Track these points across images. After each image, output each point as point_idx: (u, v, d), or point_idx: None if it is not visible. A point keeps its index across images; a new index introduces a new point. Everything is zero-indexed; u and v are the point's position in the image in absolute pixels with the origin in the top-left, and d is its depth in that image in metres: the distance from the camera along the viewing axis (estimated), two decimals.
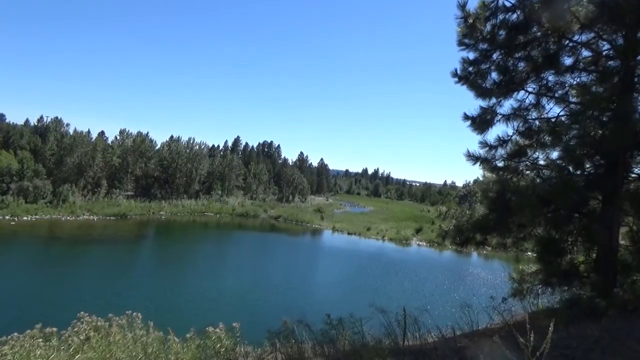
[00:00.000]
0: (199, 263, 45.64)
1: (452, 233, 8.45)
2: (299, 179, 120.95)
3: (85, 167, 71.37)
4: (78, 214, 61.54)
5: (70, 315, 6.19)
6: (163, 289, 32.93)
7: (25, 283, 32.24)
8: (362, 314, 5.62)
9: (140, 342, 5.59)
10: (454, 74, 7.57)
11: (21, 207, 57.15)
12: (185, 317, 24.04)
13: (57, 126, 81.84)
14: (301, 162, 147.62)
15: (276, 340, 5.35)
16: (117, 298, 27.75)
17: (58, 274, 36.13)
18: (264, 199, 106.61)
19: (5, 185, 59.08)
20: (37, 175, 62.85)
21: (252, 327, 5.95)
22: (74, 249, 45.33)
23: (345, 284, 40.41)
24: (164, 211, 75.82)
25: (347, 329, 5.43)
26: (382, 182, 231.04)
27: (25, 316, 22.98)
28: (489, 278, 46.54)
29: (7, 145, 70.11)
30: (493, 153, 7.79)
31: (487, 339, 4.54)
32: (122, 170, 79.63)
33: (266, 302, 31.58)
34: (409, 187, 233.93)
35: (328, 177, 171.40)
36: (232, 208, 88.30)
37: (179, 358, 5.37)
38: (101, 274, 37.37)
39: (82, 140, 74.16)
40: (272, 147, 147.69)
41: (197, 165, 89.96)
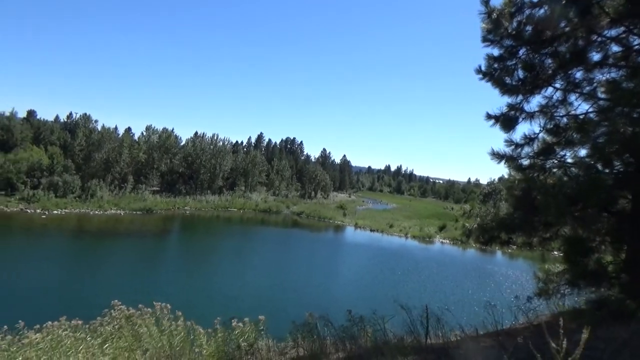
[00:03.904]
0: (223, 258, 46.19)
1: (476, 231, 8.34)
2: (321, 176, 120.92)
3: (113, 163, 72.93)
4: (106, 209, 62.96)
5: (99, 306, 6.38)
6: (187, 283, 33.49)
7: (56, 275, 33.20)
8: (383, 311, 5.62)
9: (167, 333, 5.73)
10: (479, 71, 7.46)
11: (51, 201, 58.80)
12: (208, 310, 24.37)
13: (86, 122, 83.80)
14: (324, 159, 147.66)
15: (298, 335, 5.40)
16: (143, 291, 28.31)
17: (87, 267, 37.11)
18: (286, 195, 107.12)
19: (37, 180, 60.83)
20: (66, 170, 64.53)
21: (274, 322, 6.03)
22: (102, 242, 46.43)
23: (367, 281, 40.31)
24: (189, 206, 76.94)
25: (369, 326, 5.44)
26: (405, 179, 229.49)
27: (56, 307, 23.68)
28: (514, 277, 45.82)
29: (38, 141, 72.18)
30: (519, 151, 7.66)
31: (511, 339, 4.49)
32: (148, 166, 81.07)
33: (288, 298, 31.78)
34: (432, 185, 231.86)
35: (350, 174, 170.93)
36: (255, 204, 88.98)
37: (203, 350, 5.47)
38: (128, 267, 38.23)
39: (109, 137, 75.76)
40: (295, 143, 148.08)
41: (221, 161, 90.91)
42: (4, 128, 69.57)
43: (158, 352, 5.29)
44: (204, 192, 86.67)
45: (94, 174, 69.14)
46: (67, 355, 5.04)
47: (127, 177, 75.20)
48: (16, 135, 69.64)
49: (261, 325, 5.83)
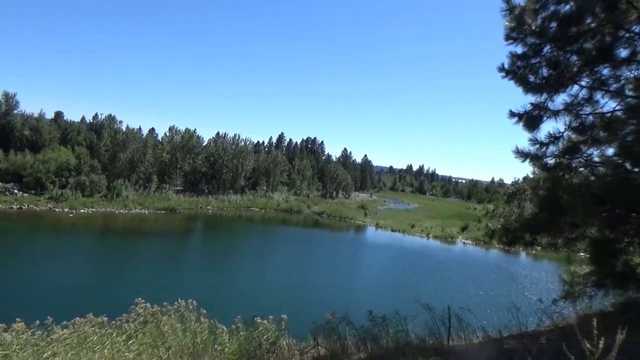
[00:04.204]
0: (244, 257, 46.58)
1: (500, 232, 8.23)
2: (342, 175, 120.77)
3: (137, 163, 74.26)
4: (130, 208, 64.16)
5: (124, 303, 6.52)
6: (210, 282, 33.87)
7: (83, 273, 33.98)
8: (405, 311, 5.59)
9: (190, 330, 5.82)
10: (501, 69, 7.35)
11: (79, 201, 60.21)
12: (230, 308, 24.61)
13: (111, 123, 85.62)
14: (345, 158, 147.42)
15: (319, 334, 5.41)
16: (166, 289, 28.76)
17: (112, 265, 37.92)
18: (307, 194, 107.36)
19: (65, 180, 62.37)
20: (93, 170, 65.99)
21: (295, 322, 6.05)
22: (127, 241, 47.34)
23: (389, 281, 40.13)
24: (211, 206, 77.80)
25: (390, 327, 5.42)
26: (427, 178, 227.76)
27: (83, 304, 24.26)
28: (538, 279, 45.00)
29: (66, 142, 73.99)
30: (544, 150, 7.52)
31: (536, 342, 4.42)
32: (172, 166, 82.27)
33: (309, 298, 31.85)
34: (455, 184, 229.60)
35: (372, 174, 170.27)
36: (276, 203, 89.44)
37: (225, 347, 5.53)
38: (152, 265, 38.91)
39: (134, 137, 77.17)
40: (316, 143, 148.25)
41: (243, 161, 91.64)
42: (33, 129, 71.51)
43: (181, 349, 5.36)
44: (226, 191, 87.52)
45: (119, 174, 70.53)
46: (93, 351, 5.16)
47: (152, 177, 76.48)
48: (45, 136, 71.52)
49: (282, 325, 5.86)
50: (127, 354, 5.15)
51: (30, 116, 74.50)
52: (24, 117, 73.19)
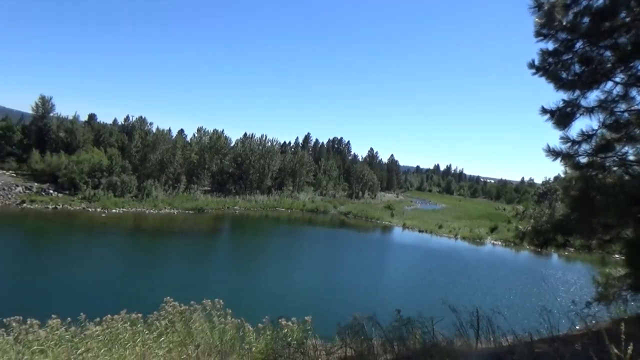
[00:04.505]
0: (271, 257, 46.90)
1: (531, 234, 8.07)
2: (368, 175, 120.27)
3: (167, 164, 75.67)
4: (160, 208, 65.39)
5: (154, 301, 6.66)
6: (237, 281, 34.27)
7: (114, 271, 34.87)
8: (432, 313, 5.54)
9: (217, 329, 5.90)
10: (532, 65, 7.19)
11: (110, 200, 61.74)
12: (257, 308, 24.83)
13: (142, 125, 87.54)
14: (371, 158, 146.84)
15: (346, 335, 5.41)
16: (194, 288, 29.24)
17: (142, 264, 38.78)
18: (333, 195, 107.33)
19: (97, 180, 64.06)
20: (124, 170, 67.57)
21: (322, 322, 6.06)
22: (157, 240, 48.32)
23: (415, 282, 39.77)
24: (238, 206, 78.60)
25: (418, 328, 5.37)
26: (454, 178, 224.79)
27: (114, 301, 24.89)
28: (571, 281, 43.83)
29: (98, 143, 76.01)
30: (576, 148, 7.32)
31: (568, 346, 4.31)
32: (200, 167, 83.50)
33: (335, 298, 31.84)
34: (483, 184, 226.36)
35: (398, 174, 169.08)
36: (302, 203, 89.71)
37: (252, 347, 5.59)
38: (181, 264, 39.58)
39: (163, 138, 78.67)
40: (342, 143, 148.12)
41: (269, 162, 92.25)
42: (68, 131, 73.79)
43: (209, 348, 5.45)
44: (253, 191, 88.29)
45: (149, 174, 72.01)
46: (125, 348, 5.29)
47: (180, 177, 77.79)
48: (79, 138, 73.68)
49: (309, 325, 5.88)
50: (157, 351, 5.26)
51: (65, 119, 76.81)
52: (60, 120, 75.57)
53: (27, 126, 75.23)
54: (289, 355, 5.23)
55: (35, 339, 5.23)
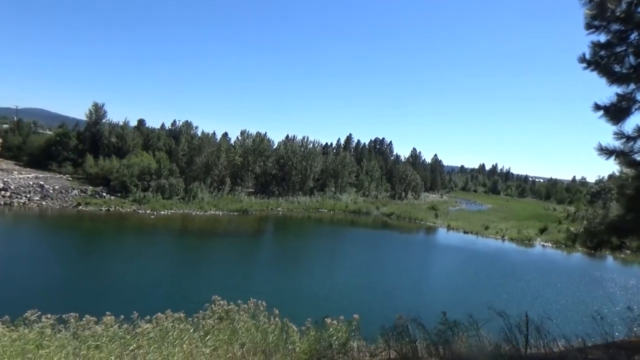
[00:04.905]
0: (313, 258, 47.12)
1: (583, 235, 7.73)
2: (411, 176, 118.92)
3: (212, 166, 77.53)
4: (206, 210, 67.05)
5: (200, 301, 6.84)
6: (280, 282, 34.61)
7: (163, 271, 36.04)
8: (478, 316, 5.41)
9: (262, 329, 6.00)
10: (582, 59, 6.90)
11: (159, 203, 63.90)
12: (299, 309, 24.99)
13: (188, 129, 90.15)
14: (414, 158, 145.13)
15: (390, 337, 5.36)
16: (238, 288, 29.80)
17: (189, 264, 39.86)
18: (376, 196, 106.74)
19: (147, 183, 66.47)
20: (171, 173, 69.76)
21: (365, 323, 6.04)
22: (203, 241, 49.52)
23: (461, 285, 38.92)
24: (281, 207, 79.47)
25: (463, 331, 5.27)
26: (501, 178, 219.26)
27: (162, 300, 25.74)
28: (627, 285, 41.67)
29: (147, 147, 78.96)
30: (631, 145, 6.96)
31: (624, 353, 4.12)
32: (243, 169, 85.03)
33: (378, 299, 31.63)
34: (532, 184, 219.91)
35: (442, 174, 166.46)
36: (345, 205, 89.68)
37: (296, 347, 5.63)
38: (226, 265, 40.48)
39: (208, 142, 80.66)
40: (384, 143, 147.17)
41: (311, 163, 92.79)
42: (119, 136, 77.08)
43: (254, 347, 5.53)
44: (296, 193, 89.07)
45: (195, 177, 74.00)
46: (173, 345, 5.46)
47: (225, 180, 79.50)
48: (129, 142, 76.86)
49: (353, 326, 5.88)
50: (204, 350, 5.39)
51: (117, 124, 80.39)
52: (111, 126, 79.16)
53: (81, 132, 79.25)
54: (332, 356, 5.24)
55: (91, 335, 5.48)
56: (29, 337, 5.07)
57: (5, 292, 24.67)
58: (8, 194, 55.72)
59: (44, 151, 75.01)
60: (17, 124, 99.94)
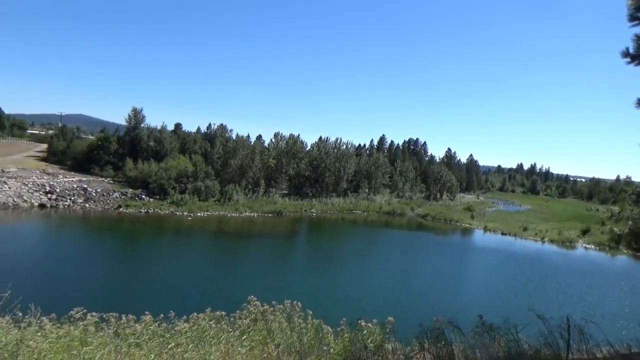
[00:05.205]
0: (347, 260, 47.04)
1: (628, 237, 7.45)
2: (446, 176, 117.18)
3: (246, 168, 78.60)
4: (241, 211, 68.01)
5: (236, 301, 6.96)
6: (314, 283, 34.72)
7: (199, 271, 36.77)
8: (516, 319, 5.29)
9: (297, 330, 6.04)
10: (626, 54, 6.63)
11: (196, 205, 65.26)
12: (333, 310, 25.00)
13: (222, 132, 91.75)
14: (449, 159, 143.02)
15: (425, 339, 5.30)
16: (273, 289, 30.03)
17: (225, 264, 40.57)
18: (410, 196, 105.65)
19: (184, 185, 68.01)
20: (207, 176, 71.12)
21: (399, 325, 5.99)
22: (238, 242, 50.28)
23: (499, 287, 38.05)
24: (315, 209, 79.75)
25: (501, 335, 5.16)
26: (540, 178, 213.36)
27: (199, 299, 26.28)
28: None
29: (184, 150, 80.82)
30: None
31: None
32: (277, 171, 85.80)
33: (413, 301, 31.31)
34: (573, 183, 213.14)
35: (478, 174, 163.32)
36: (379, 206, 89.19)
37: (331, 348, 5.64)
38: (260, 266, 40.88)
39: (243, 144, 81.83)
40: (418, 144, 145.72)
41: (345, 164, 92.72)
42: (157, 140, 79.24)
43: (289, 348, 5.57)
44: (329, 194, 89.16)
45: (230, 179, 75.18)
46: (210, 344, 5.57)
47: (259, 182, 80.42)
48: (166, 146, 78.89)
49: (387, 328, 5.84)
50: (240, 349, 5.47)
51: (155, 129, 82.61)
52: (149, 130, 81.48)
53: (121, 137, 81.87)
54: (366, 358, 5.23)
55: (131, 333, 5.65)
56: (74, 334, 5.26)
57: (52, 291, 25.75)
58: (54, 197, 58.18)
59: (87, 155, 77.94)
60: (61, 129, 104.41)
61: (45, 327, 5.34)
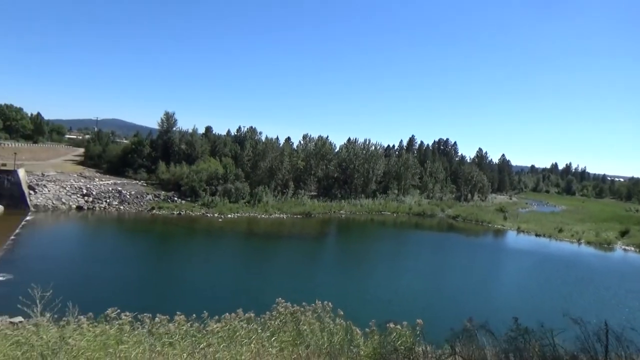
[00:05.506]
0: (377, 261, 46.76)
1: None
2: (477, 177, 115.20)
3: (275, 170, 79.16)
4: (270, 213, 68.55)
5: (264, 302, 7.04)
6: (343, 284, 34.68)
7: (229, 271, 37.28)
8: (552, 324, 5.16)
9: (326, 331, 6.06)
10: None
11: (226, 206, 66.16)
12: (363, 312, 24.86)
13: (252, 135, 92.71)
14: (480, 159, 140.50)
15: (457, 342, 5.23)
16: (302, 290, 30.13)
17: (255, 265, 40.97)
18: (440, 197, 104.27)
19: (214, 188, 69.05)
20: (237, 178, 72.01)
21: (429, 328, 5.94)
22: (268, 243, 50.71)
23: (532, 291, 37.12)
24: (344, 210, 79.62)
25: (536, 339, 5.04)
26: (575, 177, 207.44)
27: (229, 300, 26.61)
28: None
29: (214, 153, 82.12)
30: None
31: None
32: (306, 172, 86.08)
33: (444, 304, 30.90)
34: (611, 183, 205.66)
35: (511, 174, 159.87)
36: (408, 207, 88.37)
37: (361, 350, 5.64)
38: (289, 267, 41.13)
39: (272, 146, 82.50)
40: (448, 144, 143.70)
41: (374, 166, 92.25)
42: (188, 143, 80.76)
43: (319, 348, 5.60)
44: (358, 196, 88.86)
45: (259, 181, 75.87)
46: (241, 345, 5.65)
47: (288, 183, 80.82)
48: (197, 149, 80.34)
49: (418, 330, 5.79)
50: (271, 350, 5.53)
51: (186, 132, 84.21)
52: (181, 133, 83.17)
53: (154, 140, 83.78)
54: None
55: (165, 333, 5.79)
56: (110, 333, 5.43)
57: (89, 290, 26.55)
58: (91, 199, 60.07)
59: (121, 159, 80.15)
60: (97, 134, 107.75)
61: (83, 325, 5.53)
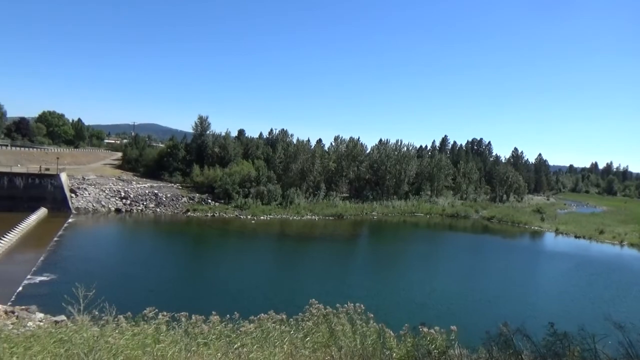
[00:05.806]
0: (410, 263, 46.33)
1: None
2: (513, 177, 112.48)
3: (307, 172, 79.53)
4: (302, 214, 68.93)
5: (296, 304, 7.09)
6: (375, 287, 34.44)
7: (263, 273, 37.62)
8: (593, 329, 4.99)
9: (359, 333, 6.05)
10: None
11: (259, 208, 66.92)
12: (395, 314, 24.72)
13: (284, 137, 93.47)
14: (515, 159, 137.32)
15: (493, 347, 5.13)
16: (334, 292, 30.15)
17: (287, 267, 41.26)
18: (474, 198, 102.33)
19: (247, 190, 69.95)
20: (270, 180, 72.74)
21: (464, 332, 5.85)
22: (300, 245, 50.94)
23: (572, 295, 35.93)
24: (376, 212, 79.20)
25: (575, 345, 4.89)
26: (617, 177, 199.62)
27: (262, 301, 26.88)
28: None
29: (247, 156, 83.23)
30: None
31: None
32: (338, 174, 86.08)
33: (479, 307, 30.29)
34: None
35: (548, 174, 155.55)
36: (441, 208, 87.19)
37: (393, 353, 5.60)
38: (321, 268, 41.19)
39: (303, 148, 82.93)
40: (482, 144, 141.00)
41: (406, 167, 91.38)
42: (221, 146, 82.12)
43: (352, 351, 5.59)
44: (390, 197, 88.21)
45: (291, 183, 76.35)
46: (274, 345, 5.71)
47: (320, 185, 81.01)
48: (230, 152, 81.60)
49: (452, 334, 5.72)
50: (304, 351, 5.57)
51: (219, 135, 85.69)
52: (215, 137, 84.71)
53: (189, 144, 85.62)
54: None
55: (200, 333, 5.92)
56: (147, 332, 5.58)
57: (127, 290, 27.32)
58: (128, 202, 61.94)
59: (157, 162, 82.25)
60: (134, 138, 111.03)
61: (121, 324, 5.72)
